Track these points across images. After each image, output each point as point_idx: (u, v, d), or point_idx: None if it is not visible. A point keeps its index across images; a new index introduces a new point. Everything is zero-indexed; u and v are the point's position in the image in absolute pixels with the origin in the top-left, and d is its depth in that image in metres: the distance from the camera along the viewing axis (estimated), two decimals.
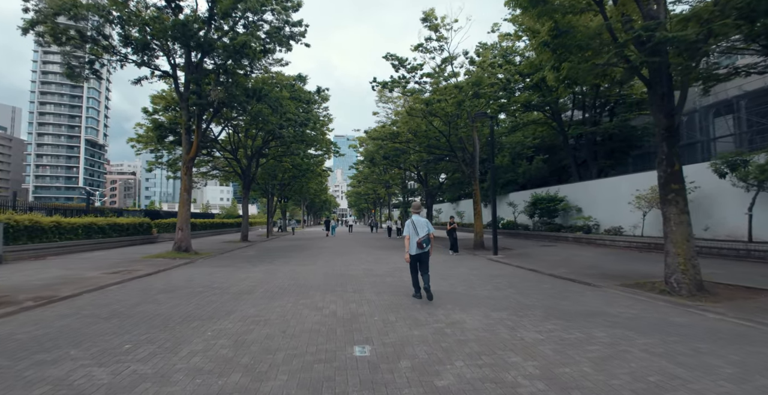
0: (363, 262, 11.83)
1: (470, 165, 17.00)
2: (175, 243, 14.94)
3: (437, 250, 16.35)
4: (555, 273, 9.52)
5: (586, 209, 20.06)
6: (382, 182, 41.51)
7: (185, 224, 14.96)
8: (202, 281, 8.58)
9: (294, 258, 13.14)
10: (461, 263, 11.75)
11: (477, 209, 16.67)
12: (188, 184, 15.10)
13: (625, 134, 22.11)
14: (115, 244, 19.04)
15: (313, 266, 10.94)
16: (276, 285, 7.78)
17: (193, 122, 15.13)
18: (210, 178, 28.33)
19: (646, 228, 15.91)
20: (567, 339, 4.29)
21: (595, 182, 20.04)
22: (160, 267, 11.11)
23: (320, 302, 6.13)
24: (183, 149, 15.27)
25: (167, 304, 6.25)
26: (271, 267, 10.75)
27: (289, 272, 9.66)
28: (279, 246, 19.76)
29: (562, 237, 19.72)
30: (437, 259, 12.68)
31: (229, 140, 23.52)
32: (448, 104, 15.19)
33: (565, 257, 13.01)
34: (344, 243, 21.69)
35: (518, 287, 7.59)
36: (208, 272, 9.96)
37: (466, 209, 38.00)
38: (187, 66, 15.01)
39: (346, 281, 8.26)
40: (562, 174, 28.79)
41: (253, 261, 12.44)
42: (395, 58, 17.10)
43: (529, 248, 16.33)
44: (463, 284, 7.92)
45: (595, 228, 19.17)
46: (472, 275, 9.08)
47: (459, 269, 10.32)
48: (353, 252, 15.56)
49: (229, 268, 10.86)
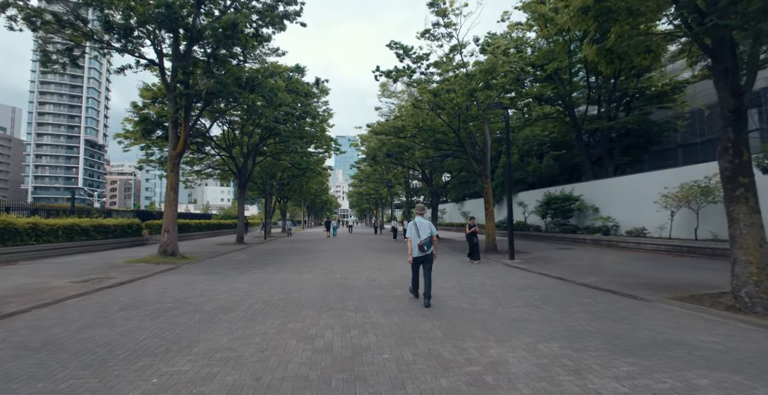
0: (366, 268, 10.53)
1: (481, 162, 15.70)
2: (161, 246, 13.69)
3: (452, 256, 15.07)
4: (588, 283, 8.22)
5: (604, 209, 18.73)
6: (384, 182, 40.21)
7: (172, 225, 13.70)
8: (177, 293, 7.30)
9: (288, 264, 11.84)
10: (477, 270, 10.43)
11: (489, 209, 15.36)
12: (175, 182, 13.85)
13: (644, 129, 20.77)
14: (101, 247, 17.80)
15: (309, 274, 9.65)
16: (262, 300, 6.49)
17: (181, 114, 13.88)
18: (205, 177, 27.09)
19: (674, 230, 14.57)
20: (661, 391, 3.00)
21: (614, 180, 18.70)
22: (137, 274, 9.86)
23: (312, 327, 4.82)
24: (169, 143, 14.02)
25: (121, 328, 4.98)
26: (261, 275, 9.46)
27: (280, 282, 8.37)
28: (275, 249, 18.49)
29: (578, 239, 18.39)
30: (450, 266, 11.37)
31: (224, 137, 22.28)
32: (458, 95, 13.90)
33: (591, 262, 11.69)
34: (345, 246, 20.40)
35: (554, 302, 6.28)
36: (188, 282, 8.68)
37: (471, 209, 36.66)
38: (174, 54, 13.77)
39: (346, 294, 6.96)
40: (573, 173, 27.45)
41: (243, 267, 11.16)
42: (400, 47, 15.81)
43: (545, 252, 15.01)
44: (486, 298, 6.60)
45: (614, 229, 17.85)
46: (494, 287, 7.77)
47: (476, 277, 9.02)
48: (355, 256, 14.26)
49: (214, 276, 9.58)
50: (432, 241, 6.08)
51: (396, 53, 15.92)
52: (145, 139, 14.99)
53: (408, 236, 6.20)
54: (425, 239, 5.98)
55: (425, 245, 5.98)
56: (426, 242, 5.98)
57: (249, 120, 21.58)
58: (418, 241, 6.00)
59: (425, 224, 6.15)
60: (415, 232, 6.09)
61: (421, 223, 6.14)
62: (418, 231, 6.07)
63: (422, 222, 6.16)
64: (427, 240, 6.00)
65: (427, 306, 5.88)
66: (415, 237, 6.07)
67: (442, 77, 15.50)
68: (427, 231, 6.07)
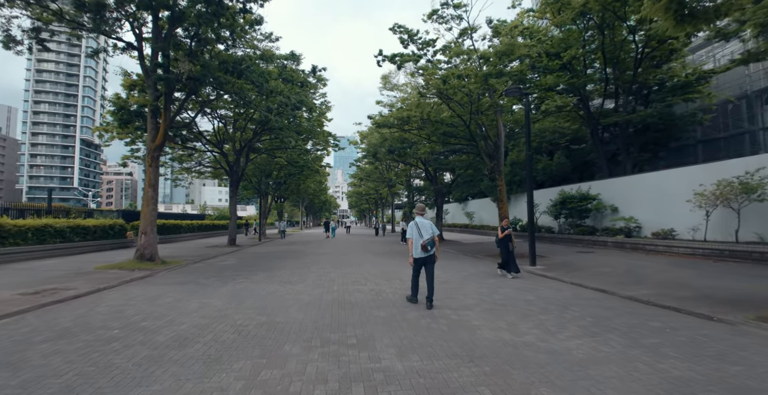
0: (369, 278, 9.05)
1: (494, 157, 14.25)
2: (138, 250, 12.21)
3: (463, 261, 13.62)
4: (637, 296, 6.77)
5: (624, 209, 17.30)
6: (384, 181, 38.74)
7: (150, 227, 12.22)
8: (134, 313, 5.83)
9: (280, 271, 10.34)
10: (500, 279, 8.97)
11: (503, 209, 13.91)
12: (154, 178, 12.37)
13: (664, 124, 19.33)
14: (78, 250, 16.33)
15: (302, 284, 8.17)
16: (235, 326, 5.00)
17: (161, 102, 12.41)
18: (196, 175, 25.60)
19: (709, 231, 13.13)
20: None
21: (635, 177, 17.25)
22: (103, 284, 8.40)
23: (297, 377, 3.30)
24: (148, 135, 12.55)
25: (28, 373, 3.51)
26: (245, 286, 7.98)
27: (264, 297, 6.89)
28: (267, 253, 17.00)
29: (597, 242, 16.93)
30: (466, 274, 9.90)
31: (214, 132, 20.82)
32: (471, 81, 12.45)
33: (624, 268, 10.24)
34: (344, 249, 18.92)
35: (617, 328, 4.82)
36: (156, 295, 7.20)
37: (476, 209, 35.23)
38: (154, 36, 12.30)
39: (345, 316, 5.48)
40: (586, 171, 26.04)
41: (227, 275, 9.68)
42: (404, 31, 14.37)
43: (566, 256, 13.55)
44: (528, 322, 5.13)
45: (636, 231, 16.42)
46: (528, 303, 6.30)
47: (502, 290, 7.54)
48: (355, 262, 12.78)
49: (189, 286, 8.11)
50: (434, 241, 5.93)
51: (400, 38, 14.47)
52: (122, 130, 13.51)
53: (409, 236, 6.06)
54: (428, 239, 5.86)
55: (428, 245, 5.86)
56: (429, 242, 5.86)
57: (241, 113, 20.14)
58: (421, 241, 5.88)
59: (426, 224, 6.03)
60: (416, 232, 5.96)
61: (422, 223, 6.03)
62: (420, 231, 5.95)
63: (423, 222, 6.04)
64: (429, 240, 5.87)
65: (429, 308, 5.78)
66: (417, 238, 5.94)
67: (452, 64, 14.05)
68: (429, 231, 5.95)
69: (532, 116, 17.09)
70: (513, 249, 9.46)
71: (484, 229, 30.64)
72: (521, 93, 11.28)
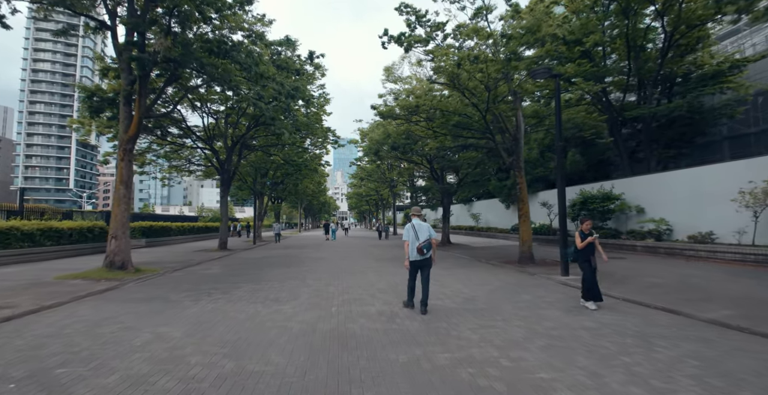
0: (375, 294, 7.43)
1: (512, 152, 12.69)
2: (107, 257, 10.62)
3: (478, 268, 12.06)
4: (723, 320, 5.22)
5: (651, 210, 15.74)
6: (386, 181, 37.16)
7: (121, 230, 10.63)
8: (57, 349, 4.25)
9: (268, 283, 8.70)
10: (537, 296, 7.37)
11: (523, 209, 12.34)
12: (126, 174, 10.79)
13: (691, 118, 17.78)
14: (52, 255, 14.77)
15: (292, 304, 6.55)
16: (185, 379, 3.39)
17: (135, 88, 10.86)
18: (187, 174, 24.01)
19: (758, 234, 11.57)
20: None
21: (664, 175, 15.67)
22: (49, 301, 6.83)
23: None
24: (120, 125, 10.98)
25: None
26: (220, 306, 6.36)
27: (240, 325, 5.27)
28: (259, 258, 15.39)
29: (624, 246, 15.36)
30: (492, 288, 8.31)
31: (204, 127, 19.26)
32: (490, 64, 10.90)
33: (677, 279, 8.66)
34: (345, 254, 17.32)
35: (746, 378, 3.24)
36: (102, 319, 5.62)
37: (482, 210, 33.64)
38: (129, 12, 10.76)
39: (348, 363, 3.83)
40: (600, 170, 24.49)
41: (203, 289, 8.08)
42: (411, 12, 12.79)
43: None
44: (615, 373, 3.53)
45: (666, 234, 14.86)
46: (596, 335, 4.70)
47: (548, 312, 5.92)
48: (358, 270, 11.18)
49: (152, 305, 6.51)
50: (431, 244, 5.81)
51: (406, 21, 12.89)
52: (91, 118, 11.95)
53: (405, 239, 5.96)
54: (424, 242, 5.74)
55: (425, 248, 5.74)
56: (425, 245, 5.74)
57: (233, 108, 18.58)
58: (417, 244, 5.75)
59: (423, 226, 5.92)
60: (413, 235, 5.85)
61: (419, 225, 5.91)
62: (416, 234, 5.83)
63: (420, 225, 5.93)
64: (426, 243, 5.75)
65: (423, 313, 5.68)
66: (414, 240, 5.83)
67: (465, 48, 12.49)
68: (425, 234, 5.82)
69: (542, 111, 15.54)
70: (596, 266, 6.47)
71: (492, 231, 29.04)
72: (550, 74, 9.72)
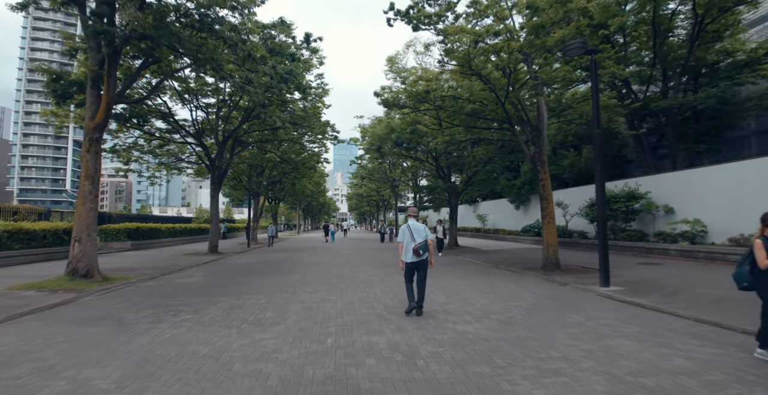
0: (382, 314, 5.89)
1: (536, 143, 11.24)
2: (69, 263, 9.16)
3: (497, 277, 10.59)
4: None
5: (682, 210, 14.28)
6: (388, 181, 35.70)
7: (86, 232, 9.17)
8: None
9: (251, 298, 7.15)
10: (590, 314, 5.89)
11: (548, 209, 10.86)
12: (92, 168, 9.33)
13: (724, 110, 16.31)
14: (20, 260, 13.36)
15: (276, 330, 5.01)
16: None
17: (105, 70, 9.41)
18: (177, 172, 22.53)
19: None
20: None
21: (698, 171, 14.19)
22: None
23: None
24: (86, 111, 9.53)
25: None
26: (180, 335, 4.85)
27: (197, 368, 3.75)
28: (248, 264, 13.90)
29: (655, 250, 13.88)
30: (542, 312, 6.84)
31: (193, 122, 17.81)
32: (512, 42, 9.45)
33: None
34: (345, 259, 15.83)
35: None
36: (21, 353, 4.17)
37: (488, 211, 32.16)
38: None
39: None
40: (617, 167, 23.01)
41: (172, 305, 6.59)
42: None
43: (632, 270, 10.49)
44: None
45: (701, 236, 13.40)
46: (705, 383, 3.24)
47: (617, 342, 4.44)
48: (360, 280, 9.68)
49: (96, 331, 5.04)
50: (427, 245, 5.63)
51: None
52: (55, 105, 10.52)
53: (400, 240, 5.81)
54: (420, 243, 5.56)
55: (421, 249, 5.56)
56: (422, 246, 5.56)
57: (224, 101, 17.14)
58: (413, 245, 5.58)
59: (420, 227, 5.75)
60: (409, 236, 5.66)
61: (415, 226, 5.73)
62: (412, 235, 5.65)
63: (416, 226, 5.75)
64: (422, 244, 5.57)
65: (419, 315, 5.52)
66: (409, 242, 5.65)
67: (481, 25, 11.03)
68: (422, 235, 5.65)
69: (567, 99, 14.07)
70: None
71: (500, 233, 27.54)
72: (586, 49, 8.27)
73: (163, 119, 17.11)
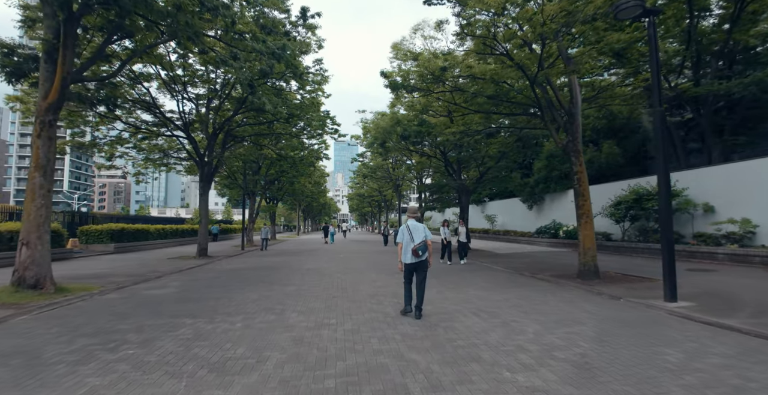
0: (402, 353, 4.25)
1: (568, 130, 9.69)
2: (15, 271, 7.59)
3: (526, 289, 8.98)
4: None
5: (724, 209, 12.71)
6: (392, 180, 34.10)
7: (35, 233, 7.61)
8: None
9: (221, 323, 5.37)
10: (696, 357, 4.28)
11: (585, 207, 9.31)
12: (43, 156, 7.77)
13: (763, 99, 14.71)
14: None
15: (241, 385, 3.46)
16: None
17: (60, 41, 7.87)
18: (165, 170, 20.98)
19: None
20: None
21: (751, 163, 12.51)
22: None
23: None
24: (39, 89, 7.99)
25: None
26: (115, 382, 3.31)
27: None
28: (237, 270, 12.32)
29: (699, 253, 12.29)
30: (615, 341, 5.25)
31: (179, 113, 16.26)
32: (545, 10, 7.88)
33: None
34: (346, 265, 14.24)
35: None
36: None
37: (498, 211, 30.54)
38: None
39: None
40: (640, 164, 21.43)
41: (108, 339, 4.96)
42: None
43: (686, 278, 8.90)
44: None
45: (748, 238, 11.82)
46: None
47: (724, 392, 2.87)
48: (363, 294, 8.08)
49: (10, 368, 3.46)
50: (427, 246, 5.47)
51: None
52: (7, 82, 8.97)
53: (399, 241, 5.65)
54: (420, 244, 5.42)
55: (420, 249, 5.42)
56: (421, 246, 5.43)
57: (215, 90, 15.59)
58: (412, 246, 5.43)
59: (419, 227, 5.59)
60: (408, 236, 5.51)
61: (415, 226, 5.59)
62: (411, 235, 5.51)
63: (416, 226, 5.61)
64: (421, 245, 5.43)
65: (418, 318, 5.38)
66: (409, 242, 5.50)
67: None
68: (421, 235, 5.50)
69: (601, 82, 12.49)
70: None
71: (511, 235, 25.89)
72: (644, 9, 6.70)
73: (148, 110, 15.59)
